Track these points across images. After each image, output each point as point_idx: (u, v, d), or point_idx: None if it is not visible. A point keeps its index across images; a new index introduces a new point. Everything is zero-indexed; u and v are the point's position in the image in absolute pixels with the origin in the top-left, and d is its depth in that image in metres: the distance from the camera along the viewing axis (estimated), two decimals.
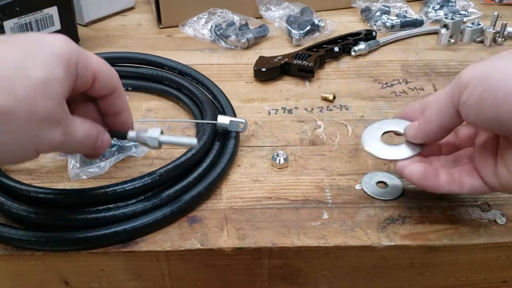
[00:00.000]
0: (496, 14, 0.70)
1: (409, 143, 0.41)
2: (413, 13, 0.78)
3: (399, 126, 0.42)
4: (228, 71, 0.66)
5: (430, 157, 0.41)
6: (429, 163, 0.40)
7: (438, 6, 0.80)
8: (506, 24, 0.71)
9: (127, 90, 0.60)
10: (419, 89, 0.61)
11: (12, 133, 0.30)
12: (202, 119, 0.52)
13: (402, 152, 0.40)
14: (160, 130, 0.41)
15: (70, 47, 0.32)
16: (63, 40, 0.32)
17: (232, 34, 0.71)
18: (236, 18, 0.74)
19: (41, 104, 0.30)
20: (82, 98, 0.38)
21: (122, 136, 0.40)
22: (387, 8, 0.79)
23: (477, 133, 0.39)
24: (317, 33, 0.73)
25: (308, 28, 0.72)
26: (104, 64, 0.36)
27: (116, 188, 0.41)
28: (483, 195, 0.44)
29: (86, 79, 0.34)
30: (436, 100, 0.37)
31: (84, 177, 0.47)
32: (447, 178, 0.38)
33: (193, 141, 0.41)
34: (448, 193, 0.41)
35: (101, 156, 0.48)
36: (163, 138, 0.40)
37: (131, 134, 0.40)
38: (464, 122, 0.36)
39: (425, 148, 0.40)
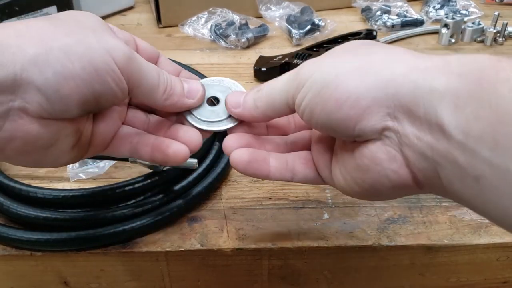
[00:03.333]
0: (496, 13, 0.70)
1: None
2: (413, 13, 0.78)
3: (224, 91, 0.36)
4: (228, 70, 0.66)
5: (262, 137, 0.36)
6: (260, 145, 0.35)
7: (439, 5, 0.80)
8: (506, 23, 0.71)
9: None
10: None
11: (76, 34, 0.29)
12: None
13: (221, 120, 0.35)
14: None
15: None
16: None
17: (232, 34, 0.70)
18: (236, 18, 0.73)
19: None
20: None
21: (123, 158, 0.40)
22: (387, 8, 0.78)
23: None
24: (318, 33, 0.73)
25: (308, 27, 0.72)
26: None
27: (115, 188, 0.41)
28: (317, 185, 0.39)
29: (127, 38, 0.35)
30: (271, 89, 0.33)
31: (84, 177, 0.47)
32: (278, 166, 0.34)
33: (193, 162, 0.41)
34: (279, 180, 0.36)
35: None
36: None
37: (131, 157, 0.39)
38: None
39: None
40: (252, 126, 0.36)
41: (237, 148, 0.34)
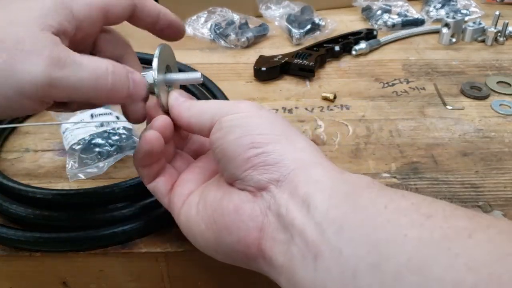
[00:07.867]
0: (497, 13, 0.70)
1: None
2: (414, 12, 0.78)
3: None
4: (228, 70, 0.65)
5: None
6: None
7: (440, 5, 0.80)
8: (507, 23, 0.70)
9: None
10: (421, 88, 0.61)
11: None
12: None
13: None
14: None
15: None
16: None
17: (232, 33, 0.70)
18: (235, 17, 0.73)
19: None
20: None
21: None
22: (388, 7, 0.78)
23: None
24: (318, 32, 0.73)
25: (308, 27, 0.72)
26: None
27: (114, 188, 0.41)
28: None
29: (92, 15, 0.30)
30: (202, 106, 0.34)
31: (83, 177, 0.46)
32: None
33: (197, 75, 0.36)
34: None
35: (99, 156, 0.48)
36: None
37: None
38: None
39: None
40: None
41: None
